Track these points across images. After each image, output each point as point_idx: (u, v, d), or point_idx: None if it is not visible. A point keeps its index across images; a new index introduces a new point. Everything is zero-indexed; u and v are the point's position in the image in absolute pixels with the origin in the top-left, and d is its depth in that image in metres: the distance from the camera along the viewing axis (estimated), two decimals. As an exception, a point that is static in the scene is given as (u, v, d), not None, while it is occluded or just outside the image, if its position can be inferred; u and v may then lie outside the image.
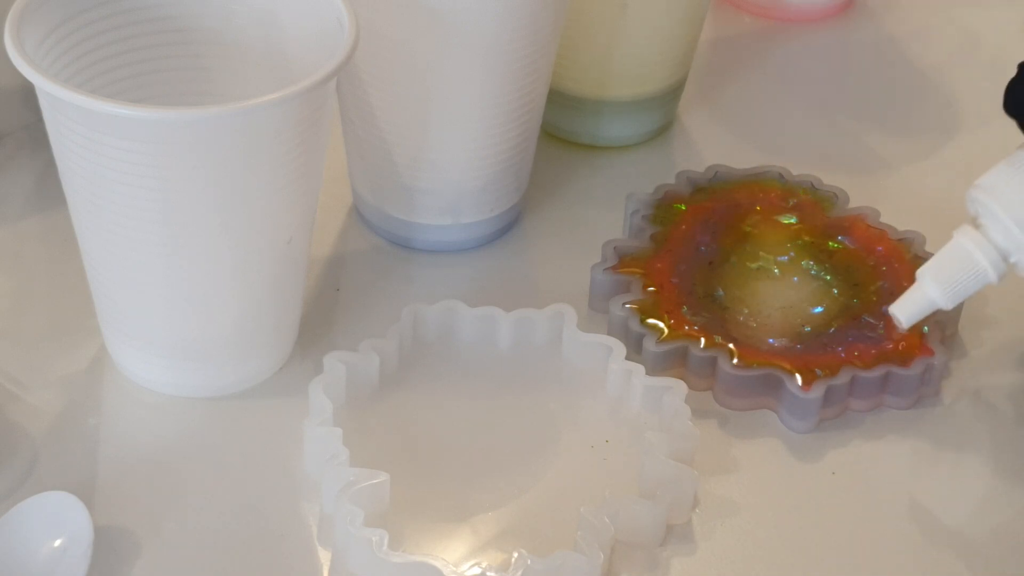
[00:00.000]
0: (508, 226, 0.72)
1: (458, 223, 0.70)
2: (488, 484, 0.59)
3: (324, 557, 0.57)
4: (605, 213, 0.73)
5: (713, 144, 0.79)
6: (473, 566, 0.56)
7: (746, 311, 0.65)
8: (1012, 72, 0.66)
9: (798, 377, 0.62)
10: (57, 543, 0.55)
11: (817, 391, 0.62)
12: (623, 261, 0.67)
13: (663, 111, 0.78)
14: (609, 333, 0.65)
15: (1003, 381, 0.66)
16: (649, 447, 0.59)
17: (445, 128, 0.66)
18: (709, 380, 0.64)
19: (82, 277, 0.62)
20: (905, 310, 0.63)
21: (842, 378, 0.62)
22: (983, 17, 0.90)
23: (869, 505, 0.60)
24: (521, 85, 0.66)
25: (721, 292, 0.66)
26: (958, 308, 0.67)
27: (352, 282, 0.69)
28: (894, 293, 0.66)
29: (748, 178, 0.72)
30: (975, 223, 0.62)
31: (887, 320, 0.65)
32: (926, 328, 0.64)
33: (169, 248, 0.57)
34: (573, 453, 0.61)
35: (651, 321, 0.64)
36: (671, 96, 0.78)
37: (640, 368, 0.62)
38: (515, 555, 0.55)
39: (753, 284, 0.67)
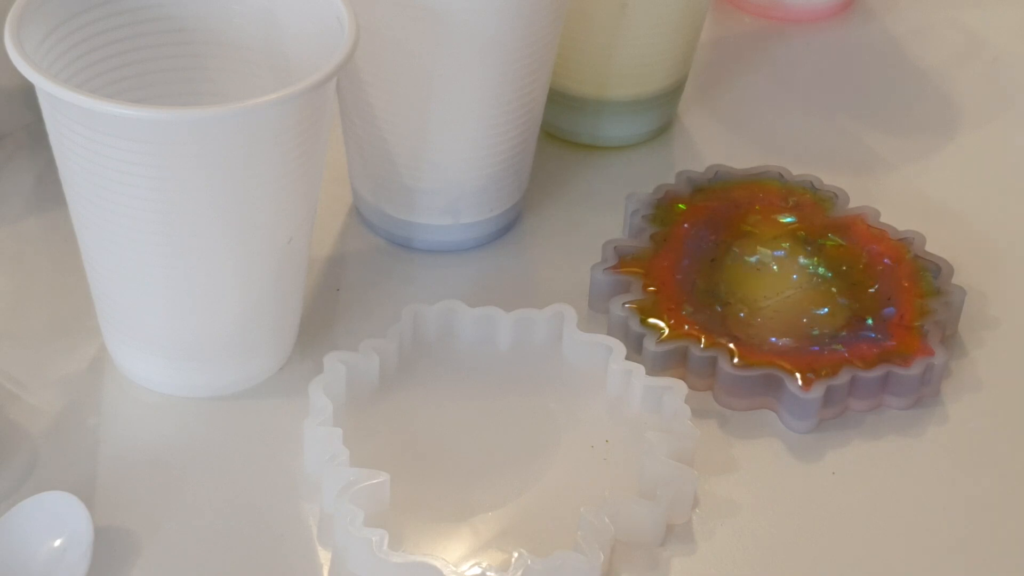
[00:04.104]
0: (508, 226, 0.72)
1: (458, 223, 0.70)
2: (488, 484, 0.59)
3: (324, 557, 0.57)
4: (605, 213, 0.73)
5: (713, 144, 0.79)
6: (473, 566, 0.56)
7: (746, 310, 0.65)
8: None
9: (798, 377, 0.62)
10: (57, 543, 0.55)
11: (817, 391, 0.62)
12: (623, 261, 0.67)
13: (663, 111, 0.78)
14: (609, 333, 0.65)
15: (1003, 381, 0.66)
16: (649, 447, 0.59)
17: (445, 128, 0.66)
18: (709, 380, 0.64)
19: (82, 277, 0.62)
20: None
21: (842, 378, 0.62)
22: (983, 17, 0.90)
23: (869, 505, 0.60)
24: (521, 85, 0.66)
25: (722, 291, 0.66)
26: (958, 308, 0.67)
27: (352, 282, 0.69)
28: (893, 294, 0.66)
29: (748, 178, 0.72)
30: None
31: (887, 319, 0.65)
32: (926, 328, 0.64)
33: (169, 248, 0.57)
34: (573, 453, 0.61)
35: (651, 321, 0.64)
36: (671, 96, 0.78)
37: (640, 368, 0.62)
38: (515, 555, 0.55)
39: (753, 283, 0.67)
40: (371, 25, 0.63)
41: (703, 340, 0.63)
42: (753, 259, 0.68)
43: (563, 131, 0.78)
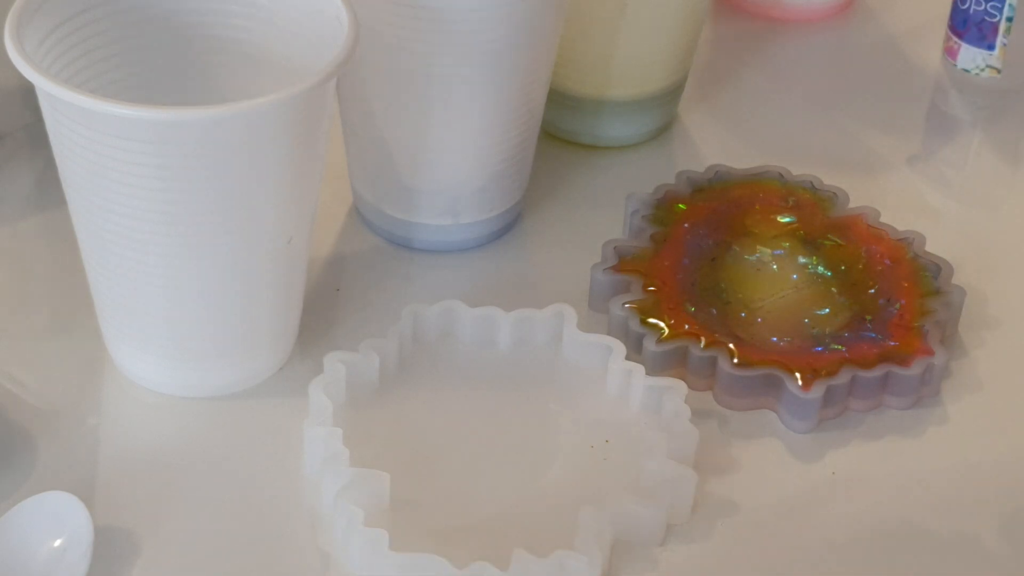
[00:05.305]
0: (508, 226, 0.72)
1: (458, 223, 0.70)
2: (488, 484, 0.59)
3: (324, 557, 0.57)
4: (605, 213, 0.73)
5: (713, 144, 0.79)
6: (473, 566, 0.56)
7: (746, 310, 0.65)
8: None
9: (798, 377, 0.62)
10: (57, 543, 0.55)
11: (817, 391, 0.62)
12: (623, 261, 0.67)
13: (663, 111, 0.78)
14: (609, 333, 0.65)
15: (1003, 381, 0.66)
16: (649, 447, 0.59)
17: (445, 128, 0.66)
18: (709, 380, 0.64)
19: (82, 277, 0.62)
20: None
21: (842, 378, 0.62)
22: (983, 17, 0.90)
23: (869, 505, 0.60)
24: (521, 85, 0.66)
25: (722, 291, 0.66)
26: (958, 308, 0.67)
27: (352, 282, 0.69)
28: (893, 294, 0.66)
29: (748, 178, 0.72)
30: None
31: (887, 320, 0.65)
32: (926, 328, 0.64)
33: (169, 248, 0.57)
34: (573, 453, 0.61)
35: (651, 321, 0.64)
36: (671, 96, 0.78)
37: (640, 368, 0.62)
38: (515, 555, 0.55)
39: (753, 283, 0.67)
40: (371, 25, 0.63)
41: (703, 340, 0.63)
42: (753, 259, 0.68)
43: (563, 131, 0.78)
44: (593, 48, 0.74)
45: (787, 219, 0.70)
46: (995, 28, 0.81)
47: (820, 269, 0.67)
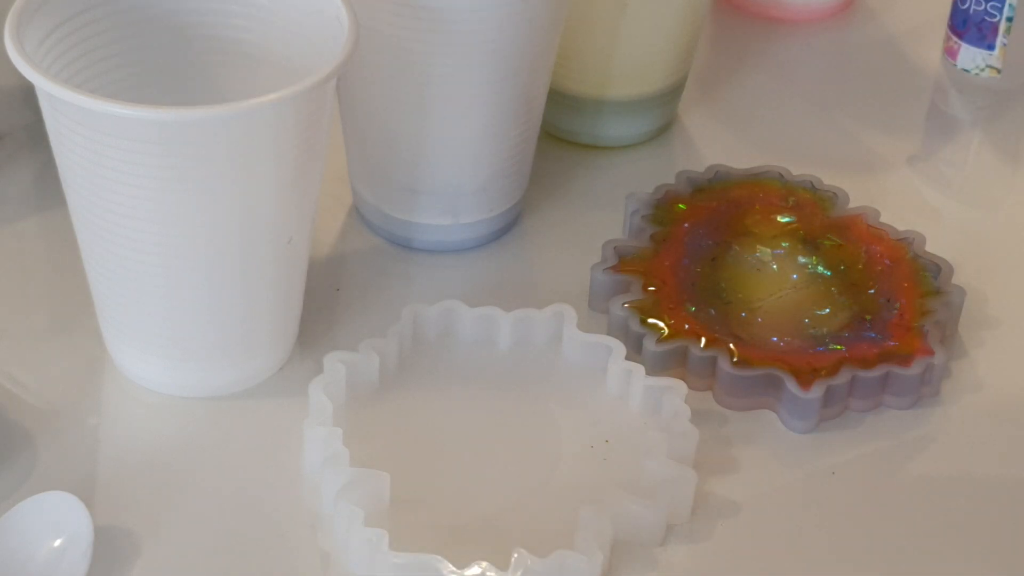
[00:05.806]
0: (508, 226, 0.72)
1: (458, 223, 0.70)
2: (488, 484, 0.59)
3: (324, 557, 0.57)
4: (605, 213, 0.73)
5: (713, 144, 0.79)
6: (473, 566, 0.56)
7: (747, 310, 0.65)
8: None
9: (798, 377, 0.62)
10: (57, 543, 0.55)
11: (817, 391, 0.62)
12: (623, 261, 0.67)
13: (663, 111, 0.78)
14: (609, 333, 0.65)
15: (1003, 381, 0.66)
16: (649, 447, 0.59)
17: (445, 128, 0.66)
18: (709, 380, 0.64)
19: (82, 277, 0.62)
20: None
21: (842, 378, 0.62)
22: (983, 17, 0.90)
23: (869, 505, 0.60)
24: (521, 85, 0.66)
25: (722, 291, 0.66)
26: (958, 308, 0.67)
27: (352, 282, 0.69)
28: (893, 294, 0.66)
29: (748, 178, 0.72)
30: None
31: (887, 320, 0.65)
32: (926, 328, 0.64)
33: (169, 248, 0.57)
34: (573, 453, 0.61)
35: (651, 321, 0.64)
36: (671, 96, 0.78)
37: (640, 368, 0.62)
38: (515, 555, 0.55)
39: (753, 283, 0.67)
40: (371, 25, 0.63)
41: (703, 340, 0.63)
42: (753, 259, 0.68)
43: (563, 131, 0.78)
44: (593, 48, 0.74)
45: (787, 219, 0.70)
46: (995, 28, 0.81)
47: (820, 269, 0.67)
